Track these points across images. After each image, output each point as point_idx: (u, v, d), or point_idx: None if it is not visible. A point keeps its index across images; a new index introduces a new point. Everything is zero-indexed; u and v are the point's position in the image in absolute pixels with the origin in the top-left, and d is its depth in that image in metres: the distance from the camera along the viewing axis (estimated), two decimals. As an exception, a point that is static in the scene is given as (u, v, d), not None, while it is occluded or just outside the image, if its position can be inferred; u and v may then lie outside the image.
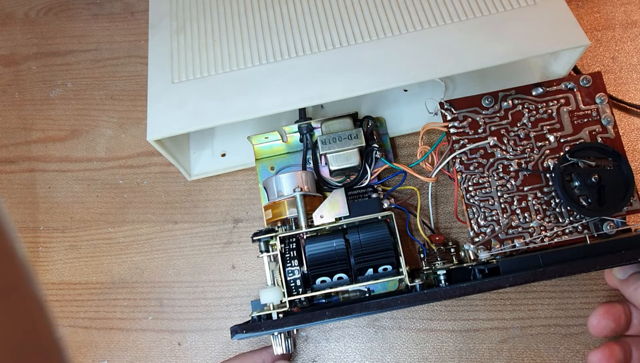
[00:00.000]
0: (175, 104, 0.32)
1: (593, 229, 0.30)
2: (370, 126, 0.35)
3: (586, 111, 0.31)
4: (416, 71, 0.30)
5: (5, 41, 0.45)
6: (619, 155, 0.30)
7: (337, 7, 0.34)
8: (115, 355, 0.35)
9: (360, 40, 0.32)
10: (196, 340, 0.35)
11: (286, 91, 0.31)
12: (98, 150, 0.41)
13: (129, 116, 0.42)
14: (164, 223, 0.38)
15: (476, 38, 0.31)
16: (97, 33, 0.45)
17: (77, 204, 0.39)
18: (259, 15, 0.34)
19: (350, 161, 0.34)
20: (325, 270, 0.31)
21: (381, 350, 0.34)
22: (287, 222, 0.33)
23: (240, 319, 0.35)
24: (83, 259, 0.38)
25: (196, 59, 0.33)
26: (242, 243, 0.37)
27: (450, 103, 0.32)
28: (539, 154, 0.31)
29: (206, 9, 0.35)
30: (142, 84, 0.42)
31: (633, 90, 0.37)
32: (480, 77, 0.37)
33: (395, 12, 0.33)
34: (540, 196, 0.31)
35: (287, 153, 0.37)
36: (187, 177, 0.38)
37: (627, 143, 0.36)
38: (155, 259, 0.37)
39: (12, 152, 0.42)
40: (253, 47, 0.33)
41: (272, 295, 0.31)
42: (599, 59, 0.39)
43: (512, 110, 0.32)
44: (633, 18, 0.39)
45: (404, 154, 0.38)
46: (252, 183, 0.38)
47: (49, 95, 0.43)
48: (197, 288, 0.36)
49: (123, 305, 0.36)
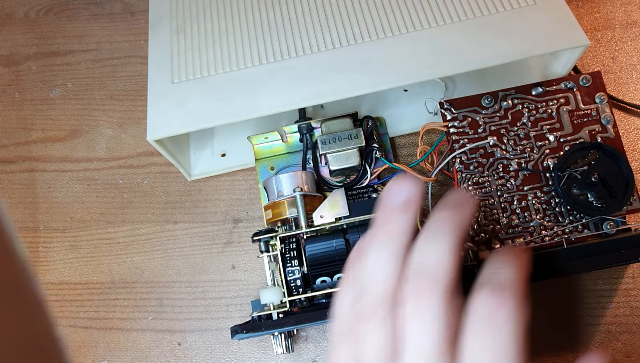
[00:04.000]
0: (175, 104, 0.32)
1: (593, 228, 0.30)
2: (370, 126, 0.35)
3: (586, 111, 0.32)
4: (416, 71, 0.30)
5: (5, 41, 0.45)
6: (618, 155, 0.30)
7: (337, 7, 0.34)
8: (115, 355, 0.35)
9: (360, 40, 0.32)
10: (196, 340, 0.35)
11: (286, 91, 0.31)
12: (98, 150, 0.41)
13: (129, 116, 0.42)
14: (164, 223, 0.38)
15: (476, 38, 0.31)
16: (97, 33, 0.45)
17: (77, 204, 0.39)
18: (259, 15, 0.34)
19: (350, 161, 0.34)
20: (326, 270, 0.31)
21: (381, 350, 0.34)
22: (287, 222, 0.33)
23: (240, 319, 0.35)
24: (83, 259, 0.38)
25: (196, 59, 0.33)
26: (242, 243, 0.37)
27: (450, 103, 0.32)
28: (539, 153, 0.31)
29: (206, 9, 0.35)
30: (142, 84, 0.42)
31: (633, 90, 0.37)
32: (480, 77, 0.37)
33: (395, 12, 0.33)
34: (540, 195, 0.31)
35: (287, 153, 0.37)
36: (187, 177, 0.38)
37: (627, 143, 0.36)
38: (155, 259, 0.37)
39: (12, 152, 0.42)
40: (253, 47, 0.33)
41: (272, 295, 0.31)
42: (599, 59, 0.39)
43: (511, 110, 0.32)
44: (633, 18, 0.39)
45: (404, 154, 0.38)
46: (252, 183, 0.38)
47: (49, 95, 0.43)
48: (197, 288, 0.36)
49: (123, 305, 0.36)
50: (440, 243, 0.20)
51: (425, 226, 0.21)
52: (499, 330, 0.19)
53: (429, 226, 0.21)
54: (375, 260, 0.21)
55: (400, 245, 0.21)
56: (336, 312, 0.22)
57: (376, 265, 0.21)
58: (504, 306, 0.19)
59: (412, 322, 0.20)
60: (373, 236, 0.22)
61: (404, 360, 0.19)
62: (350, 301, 0.22)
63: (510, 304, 0.19)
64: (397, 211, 0.21)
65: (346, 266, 0.23)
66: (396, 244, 0.21)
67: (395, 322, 0.20)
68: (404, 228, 0.21)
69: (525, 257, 0.21)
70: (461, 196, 0.22)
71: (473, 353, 0.19)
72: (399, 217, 0.21)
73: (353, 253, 0.23)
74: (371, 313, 0.20)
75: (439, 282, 0.19)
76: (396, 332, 0.20)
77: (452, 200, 0.22)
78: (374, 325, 0.20)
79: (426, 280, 0.20)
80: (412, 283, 0.20)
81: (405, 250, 0.21)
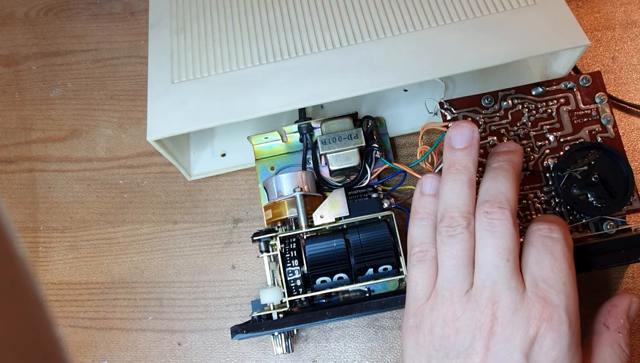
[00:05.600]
0: (175, 104, 0.32)
1: (593, 228, 0.30)
2: (370, 126, 0.35)
3: (586, 111, 0.31)
4: (416, 71, 0.30)
5: (5, 41, 0.45)
6: (618, 154, 0.30)
7: (337, 7, 0.34)
8: (115, 355, 0.35)
9: (360, 40, 0.32)
10: (196, 340, 0.35)
11: (286, 91, 0.31)
12: (98, 150, 0.41)
13: (129, 116, 0.42)
14: (164, 223, 0.38)
15: (476, 38, 0.31)
16: (97, 33, 0.45)
17: (77, 204, 0.39)
18: (259, 15, 0.34)
19: (350, 161, 0.34)
20: (326, 270, 0.31)
21: (381, 350, 0.34)
22: (287, 222, 0.33)
23: (240, 319, 0.35)
24: (83, 259, 0.38)
25: (196, 59, 0.33)
26: (242, 243, 0.37)
27: (450, 103, 0.32)
28: (539, 153, 0.31)
29: (206, 9, 0.35)
30: (142, 84, 0.42)
31: (633, 90, 0.37)
32: (480, 77, 0.37)
33: (395, 12, 0.33)
34: (540, 195, 0.31)
35: (287, 153, 0.37)
36: (187, 177, 0.38)
37: (627, 143, 0.36)
38: (155, 259, 0.37)
39: (12, 152, 0.42)
40: (253, 47, 0.33)
41: (272, 295, 0.31)
42: (599, 59, 0.39)
43: (511, 110, 0.32)
44: (633, 18, 0.39)
45: (404, 154, 0.38)
46: (252, 183, 0.38)
47: (49, 95, 0.43)
48: (197, 288, 0.36)
49: (123, 305, 0.36)
50: (503, 178, 0.25)
51: (488, 168, 0.27)
52: (555, 244, 0.24)
53: (492, 168, 0.26)
54: (453, 189, 0.25)
55: (470, 177, 0.25)
56: (413, 239, 0.27)
57: (455, 192, 0.25)
58: (556, 229, 0.24)
59: (485, 234, 0.24)
60: (445, 173, 0.26)
61: (477, 265, 0.24)
62: (427, 227, 0.26)
63: (560, 228, 0.25)
64: (463, 150, 0.26)
65: (413, 205, 0.27)
66: (467, 176, 0.25)
67: (471, 237, 0.25)
68: (470, 164, 0.26)
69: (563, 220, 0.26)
70: (511, 144, 0.28)
71: (535, 261, 0.24)
72: (466, 156, 0.26)
73: (417, 194, 0.28)
74: (453, 229, 0.25)
75: (506, 205, 0.24)
76: (472, 245, 0.25)
77: (504, 148, 0.27)
78: (455, 238, 0.25)
79: (497, 203, 0.24)
80: (484, 205, 0.25)
81: (474, 183, 0.25)
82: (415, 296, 0.26)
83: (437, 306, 0.25)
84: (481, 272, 0.24)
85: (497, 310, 0.23)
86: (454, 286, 0.24)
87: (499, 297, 0.23)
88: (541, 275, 0.24)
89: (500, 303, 0.23)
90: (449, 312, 0.24)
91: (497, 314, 0.23)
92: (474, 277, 0.24)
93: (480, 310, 0.24)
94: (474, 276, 0.24)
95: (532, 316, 0.23)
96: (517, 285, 0.24)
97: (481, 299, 0.24)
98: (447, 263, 0.25)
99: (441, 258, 0.25)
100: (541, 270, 0.24)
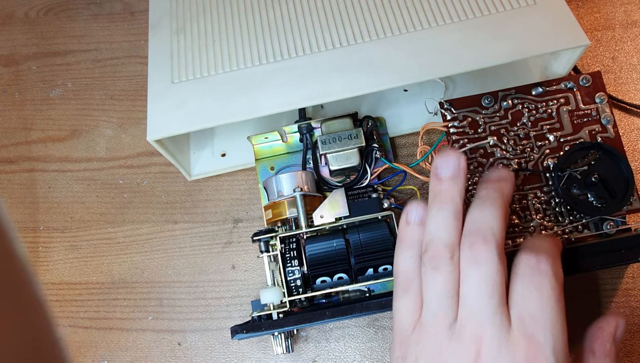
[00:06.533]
0: (175, 104, 0.32)
1: (593, 228, 0.30)
2: (370, 126, 0.35)
3: (586, 111, 0.31)
4: (416, 71, 0.30)
5: (5, 41, 0.45)
6: (618, 155, 0.30)
7: (337, 7, 0.34)
8: (115, 355, 0.35)
9: (360, 40, 0.32)
10: (196, 340, 0.35)
11: (286, 91, 0.31)
12: (98, 150, 0.41)
13: (129, 116, 0.42)
14: (164, 223, 0.38)
15: (476, 38, 0.31)
16: (97, 33, 0.45)
17: (77, 204, 0.39)
18: (259, 15, 0.34)
19: (350, 161, 0.34)
20: (326, 270, 0.31)
21: (381, 350, 0.34)
22: (287, 222, 0.33)
23: (240, 319, 0.35)
24: (83, 259, 0.38)
25: (196, 59, 0.33)
26: (242, 243, 0.37)
27: (450, 103, 0.32)
28: (539, 153, 0.31)
29: (206, 9, 0.35)
30: (142, 84, 0.42)
31: (633, 90, 0.37)
32: (480, 77, 0.37)
33: (395, 12, 0.33)
34: (540, 195, 0.31)
35: (287, 153, 0.37)
36: (187, 177, 0.38)
37: (627, 143, 0.36)
38: (155, 259, 0.37)
39: (12, 152, 0.42)
40: (253, 47, 0.33)
41: (272, 295, 0.31)
42: (599, 59, 0.39)
43: (511, 110, 0.32)
44: (633, 18, 0.39)
45: (404, 154, 0.38)
46: (252, 183, 0.38)
47: (49, 95, 0.43)
48: (197, 288, 0.36)
49: (123, 305, 0.36)
50: (490, 210, 0.25)
51: (476, 197, 0.26)
52: (542, 278, 0.23)
53: (479, 196, 0.26)
54: (438, 220, 0.25)
55: (456, 209, 0.25)
56: (399, 269, 0.26)
57: (440, 223, 0.25)
58: (544, 261, 0.23)
59: (469, 267, 0.24)
60: (431, 203, 0.26)
61: (461, 298, 0.24)
62: (412, 258, 0.26)
63: (548, 259, 0.24)
64: (449, 180, 0.25)
65: (399, 233, 0.27)
66: (453, 207, 0.25)
67: (455, 269, 0.24)
68: (456, 194, 0.25)
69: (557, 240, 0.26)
70: (502, 172, 0.27)
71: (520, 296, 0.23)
72: (452, 186, 0.25)
73: (402, 222, 0.27)
74: (437, 261, 0.24)
75: (491, 238, 0.24)
76: (456, 277, 0.24)
77: (494, 175, 0.27)
78: (440, 271, 0.24)
79: (481, 235, 0.24)
80: (469, 238, 0.24)
81: (460, 213, 0.25)
82: (401, 327, 0.25)
83: (422, 340, 0.24)
84: (464, 307, 0.24)
85: (481, 346, 0.23)
86: (439, 319, 0.24)
87: (483, 333, 0.23)
88: (527, 311, 0.23)
89: (484, 339, 0.23)
90: (434, 346, 0.24)
91: (482, 351, 0.23)
92: (459, 310, 0.24)
93: (464, 346, 0.23)
94: (458, 308, 0.24)
95: (517, 356, 0.22)
96: (501, 321, 0.23)
97: (465, 334, 0.23)
98: (431, 295, 0.24)
99: (425, 290, 0.25)
100: (527, 306, 0.23)
